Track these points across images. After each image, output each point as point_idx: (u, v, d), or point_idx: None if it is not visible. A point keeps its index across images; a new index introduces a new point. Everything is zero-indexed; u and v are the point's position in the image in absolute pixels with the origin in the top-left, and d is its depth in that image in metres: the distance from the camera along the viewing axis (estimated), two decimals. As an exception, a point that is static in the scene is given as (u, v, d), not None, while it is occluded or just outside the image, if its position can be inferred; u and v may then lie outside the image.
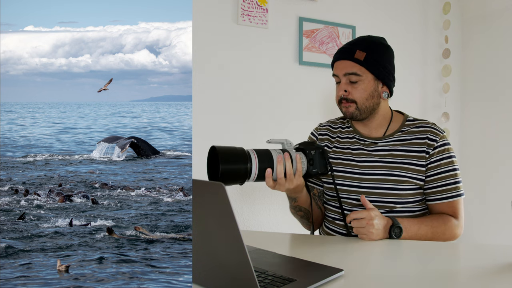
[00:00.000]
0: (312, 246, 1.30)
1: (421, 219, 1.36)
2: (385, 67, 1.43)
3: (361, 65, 1.40)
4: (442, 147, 1.40)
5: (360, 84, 1.41)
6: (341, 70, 1.43)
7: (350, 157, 1.48)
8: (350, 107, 1.43)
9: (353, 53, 1.41)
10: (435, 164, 1.39)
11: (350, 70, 1.41)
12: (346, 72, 1.42)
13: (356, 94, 1.42)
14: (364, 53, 1.40)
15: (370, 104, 1.43)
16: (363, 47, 1.42)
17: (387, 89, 1.46)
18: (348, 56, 1.42)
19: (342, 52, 1.45)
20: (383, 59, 1.43)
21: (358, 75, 1.41)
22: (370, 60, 1.40)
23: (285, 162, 1.22)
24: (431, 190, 1.40)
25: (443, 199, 1.39)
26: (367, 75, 1.41)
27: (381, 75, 1.42)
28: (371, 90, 1.42)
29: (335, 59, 1.47)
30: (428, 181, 1.40)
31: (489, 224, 2.99)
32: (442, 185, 1.39)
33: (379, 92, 1.44)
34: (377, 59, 1.42)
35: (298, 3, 2.58)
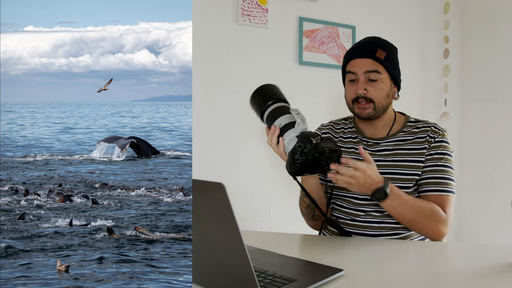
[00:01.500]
0: (312, 246, 1.30)
1: (413, 197, 1.34)
2: (398, 68, 1.47)
3: (381, 64, 1.41)
4: (439, 142, 1.42)
5: (379, 83, 1.41)
6: (361, 67, 1.42)
7: (354, 156, 1.48)
8: (367, 108, 1.42)
9: (374, 52, 1.41)
10: (429, 157, 1.41)
11: (372, 68, 1.41)
12: (368, 70, 1.41)
13: (374, 93, 1.41)
14: (384, 53, 1.41)
15: (386, 104, 1.44)
16: (383, 47, 1.43)
17: (397, 90, 1.48)
18: (369, 54, 1.42)
19: (362, 50, 1.44)
20: (397, 60, 1.47)
21: (379, 73, 1.41)
22: (389, 59, 1.42)
23: (272, 136, 1.24)
24: (421, 182, 1.41)
25: (432, 191, 1.38)
26: (385, 75, 1.42)
27: (395, 75, 1.45)
28: (388, 90, 1.43)
29: (353, 57, 1.45)
30: (422, 172, 1.40)
31: (489, 224, 2.99)
32: (432, 177, 1.39)
33: (392, 92, 1.46)
34: (394, 59, 1.45)
35: (298, 3, 2.58)
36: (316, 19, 2.62)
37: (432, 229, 1.33)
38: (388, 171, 1.41)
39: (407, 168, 1.40)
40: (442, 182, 1.39)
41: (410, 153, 1.42)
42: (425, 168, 1.40)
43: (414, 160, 1.41)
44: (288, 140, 1.20)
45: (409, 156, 1.42)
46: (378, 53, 1.40)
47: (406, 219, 1.33)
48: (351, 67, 1.45)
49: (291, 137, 1.20)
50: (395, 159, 1.43)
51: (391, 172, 1.41)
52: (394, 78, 1.45)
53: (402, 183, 1.40)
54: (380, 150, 1.46)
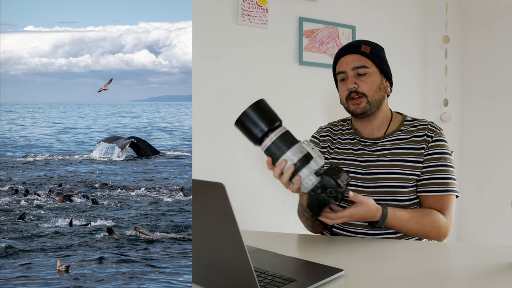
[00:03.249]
0: (312, 246, 1.30)
1: (412, 215, 1.35)
2: (386, 63, 1.48)
3: (367, 57, 1.44)
4: (437, 142, 1.42)
5: (368, 77, 1.43)
6: (348, 64, 1.45)
7: (352, 157, 1.49)
8: (361, 103, 1.43)
9: (359, 47, 1.45)
10: (428, 158, 1.41)
11: (358, 63, 1.43)
12: (355, 66, 1.44)
13: (365, 87, 1.43)
14: (369, 47, 1.45)
15: (378, 97, 1.45)
16: (367, 43, 1.46)
17: (389, 85, 1.49)
18: (354, 50, 1.45)
19: (347, 48, 1.48)
20: (384, 56, 1.49)
21: (366, 67, 1.43)
22: (375, 54, 1.45)
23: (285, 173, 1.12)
24: (421, 182, 1.41)
25: (431, 192, 1.39)
26: (373, 68, 1.44)
27: (384, 69, 1.46)
28: (378, 83, 1.45)
29: (340, 55, 1.48)
30: (421, 173, 1.41)
31: (489, 224, 2.99)
32: (431, 178, 1.39)
33: (384, 86, 1.47)
34: (380, 54, 1.47)
35: (298, 3, 2.58)
36: (316, 19, 2.62)
37: (433, 238, 1.37)
38: (386, 170, 1.41)
39: (405, 168, 1.40)
40: (442, 182, 1.39)
41: (408, 152, 1.42)
42: (424, 168, 1.40)
43: (412, 160, 1.41)
44: (305, 177, 1.10)
45: (407, 155, 1.42)
46: (363, 47, 1.44)
47: (407, 234, 1.37)
48: (339, 66, 1.48)
49: (308, 175, 1.10)
50: (393, 158, 1.43)
51: (389, 172, 1.41)
52: (384, 72, 1.46)
53: (400, 182, 1.40)
54: (377, 150, 1.46)
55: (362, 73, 1.43)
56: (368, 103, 1.43)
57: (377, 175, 1.42)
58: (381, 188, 1.41)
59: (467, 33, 3.15)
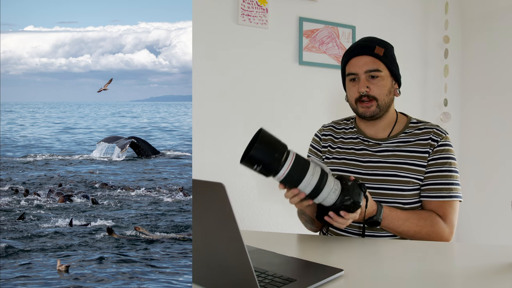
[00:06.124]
0: (312, 246, 1.30)
1: (409, 216, 1.34)
2: (397, 65, 1.45)
3: (380, 60, 1.40)
4: (442, 147, 1.40)
5: (379, 80, 1.40)
6: (361, 67, 1.40)
7: (354, 157, 1.47)
8: (371, 106, 1.41)
9: (373, 49, 1.40)
10: (432, 162, 1.39)
11: (372, 66, 1.39)
12: (368, 69, 1.40)
13: (376, 91, 1.40)
14: (383, 49, 1.40)
15: (388, 101, 1.43)
16: (381, 44, 1.42)
17: (398, 86, 1.47)
18: (368, 51, 1.41)
19: (360, 48, 1.43)
20: (394, 56, 1.46)
21: (380, 71, 1.40)
22: (388, 56, 1.41)
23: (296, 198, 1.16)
24: (424, 187, 1.39)
25: (434, 197, 1.37)
26: (386, 72, 1.41)
27: (395, 71, 1.44)
28: (389, 87, 1.42)
29: (352, 55, 1.44)
30: (424, 178, 1.39)
31: (489, 224, 2.99)
32: (435, 183, 1.38)
33: (394, 89, 1.45)
34: (392, 56, 1.44)
35: (298, 3, 2.58)
36: (316, 19, 2.62)
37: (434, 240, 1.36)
38: (388, 172, 1.40)
39: (407, 171, 1.39)
40: (446, 188, 1.37)
41: (412, 155, 1.40)
42: (428, 173, 1.38)
43: (415, 164, 1.39)
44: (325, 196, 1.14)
45: (410, 158, 1.40)
46: (377, 49, 1.39)
47: (406, 237, 1.35)
48: (351, 67, 1.43)
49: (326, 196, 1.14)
50: (396, 160, 1.41)
51: (391, 174, 1.40)
52: (394, 74, 1.44)
53: (401, 185, 1.38)
54: (381, 150, 1.44)
55: (374, 75, 1.40)
56: (378, 106, 1.41)
57: (378, 176, 1.41)
58: (381, 189, 1.40)
59: (467, 33, 3.15)
